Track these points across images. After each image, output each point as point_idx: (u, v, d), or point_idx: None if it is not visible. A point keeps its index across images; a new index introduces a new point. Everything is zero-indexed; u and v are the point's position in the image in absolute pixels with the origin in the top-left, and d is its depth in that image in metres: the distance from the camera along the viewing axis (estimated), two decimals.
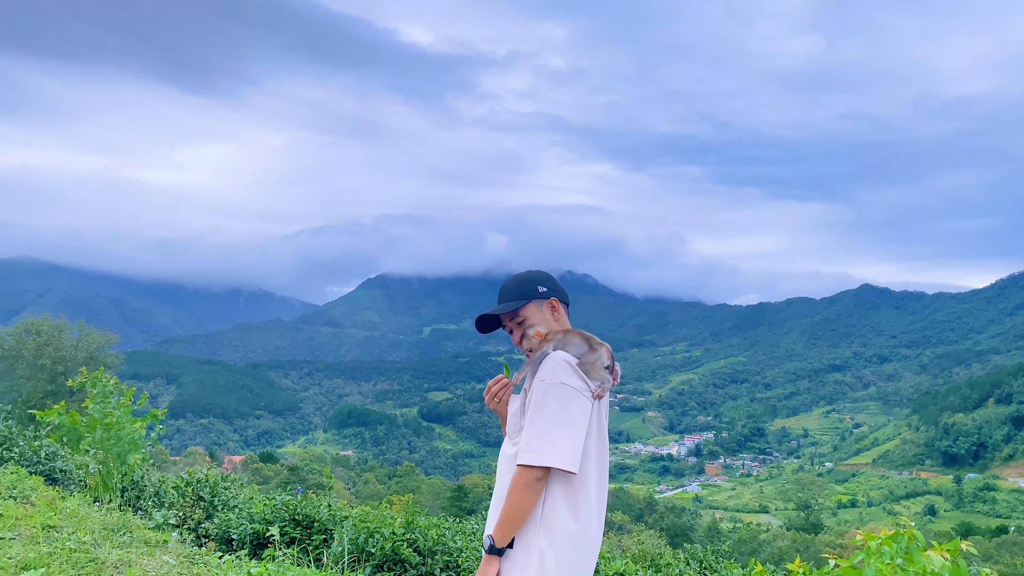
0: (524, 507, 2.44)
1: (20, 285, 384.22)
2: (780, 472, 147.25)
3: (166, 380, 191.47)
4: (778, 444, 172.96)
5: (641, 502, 67.92)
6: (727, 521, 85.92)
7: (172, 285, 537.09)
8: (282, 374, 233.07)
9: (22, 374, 26.36)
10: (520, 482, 2.44)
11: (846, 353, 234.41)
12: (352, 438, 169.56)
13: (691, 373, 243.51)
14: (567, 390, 2.51)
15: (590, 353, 2.66)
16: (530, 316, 2.77)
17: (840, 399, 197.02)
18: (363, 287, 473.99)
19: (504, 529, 2.45)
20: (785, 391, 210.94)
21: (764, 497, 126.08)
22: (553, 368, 2.55)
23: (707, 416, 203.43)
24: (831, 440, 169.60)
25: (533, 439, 2.46)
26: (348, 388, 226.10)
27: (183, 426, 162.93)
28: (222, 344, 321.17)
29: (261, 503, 4.69)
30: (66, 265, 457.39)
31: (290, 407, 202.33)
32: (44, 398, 25.94)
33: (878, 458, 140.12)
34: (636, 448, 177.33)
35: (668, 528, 52.94)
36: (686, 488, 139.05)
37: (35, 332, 27.14)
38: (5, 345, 26.83)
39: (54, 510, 4.20)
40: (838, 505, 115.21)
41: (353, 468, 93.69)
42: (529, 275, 2.85)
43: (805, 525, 70.21)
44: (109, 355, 28.84)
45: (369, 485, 73.71)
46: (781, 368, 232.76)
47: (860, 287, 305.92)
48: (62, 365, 26.54)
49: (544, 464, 2.41)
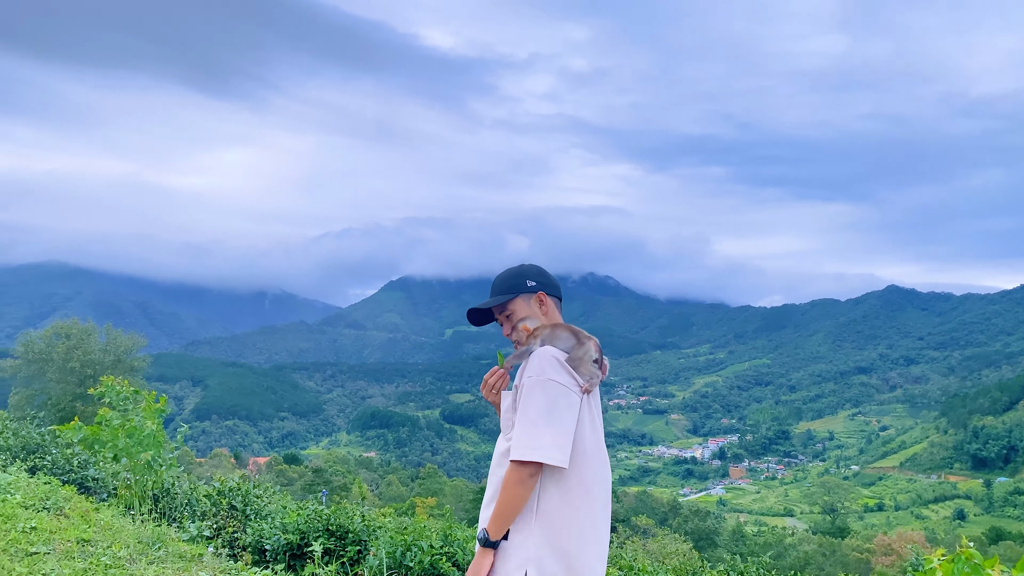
0: (517, 502, 2.47)
1: (49, 288, 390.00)
2: (805, 475, 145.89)
3: (192, 382, 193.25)
4: (803, 447, 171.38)
5: (665, 505, 67.49)
6: (752, 524, 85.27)
7: (198, 288, 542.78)
8: (306, 376, 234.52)
9: (52, 377, 26.64)
10: (513, 478, 2.47)
11: (872, 355, 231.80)
12: (375, 440, 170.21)
13: (715, 375, 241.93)
14: (554, 386, 2.53)
15: (578, 347, 2.66)
16: (518, 310, 2.80)
17: (866, 401, 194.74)
18: (385, 289, 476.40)
19: (498, 522, 2.49)
20: (810, 393, 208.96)
21: (789, 500, 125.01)
22: (540, 364, 2.57)
23: (731, 419, 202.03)
24: (857, 443, 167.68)
25: (522, 435, 2.49)
26: (371, 390, 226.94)
27: (208, 428, 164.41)
28: (247, 346, 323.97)
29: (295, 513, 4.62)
30: (94, 268, 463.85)
31: (314, 409, 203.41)
32: (73, 401, 26.22)
33: (905, 461, 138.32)
34: (659, 451, 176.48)
35: (692, 532, 52.52)
36: (710, 491, 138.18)
37: (64, 336, 27.43)
38: (35, 348, 27.13)
39: (88, 522, 4.17)
40: (864, 509, 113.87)
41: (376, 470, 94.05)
42: (520, 269, 2.88)
43: (831, 529, 69.36)
44: (137, 358, 29.09)
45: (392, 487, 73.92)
46: (806, 370, 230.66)
47: (886, 288, 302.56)
48: (91, 368, 26.78)
49: (532, 459, 2.45)
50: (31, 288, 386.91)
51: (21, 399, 27.11)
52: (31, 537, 3.76)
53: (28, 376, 27.36)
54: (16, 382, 27.54)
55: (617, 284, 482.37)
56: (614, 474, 13.33)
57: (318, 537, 4.24)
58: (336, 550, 4.40)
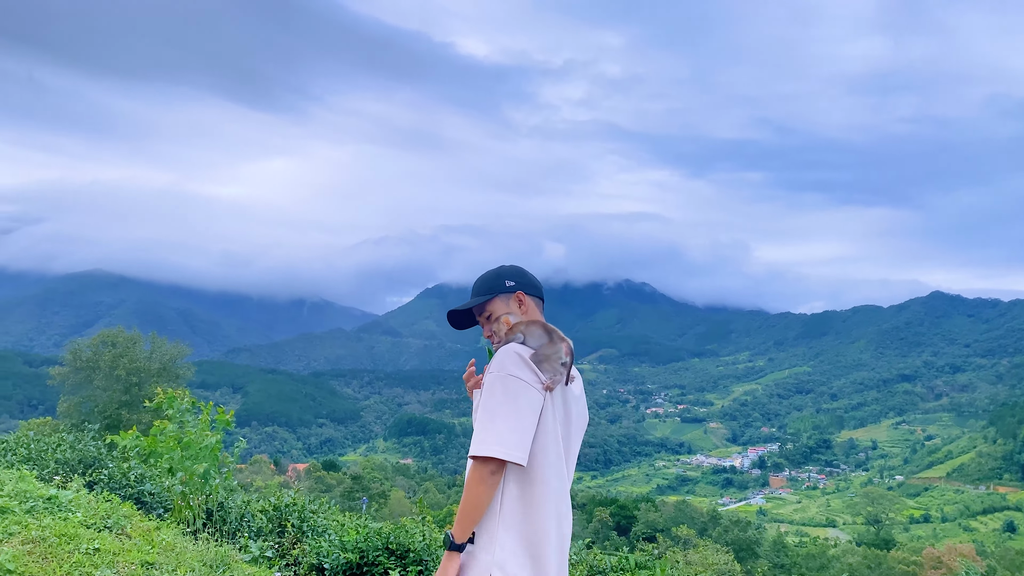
0: (479, 501, 2.40)
1: (94, 297, 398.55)
2: (848, 485, 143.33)
3: (232, 389, 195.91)
4: (845, 456, 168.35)
5: (704, 515, 66.71)
6: (793, 535, 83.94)
7: (238, 296, 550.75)
8: (343, 383, 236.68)
9: (99, 384, 27.09)
10: (475, 476, 2.41)
11: (916, 362, 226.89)
12: (412, 447, 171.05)
13: (754, 383, 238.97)
14: (514, 381, 2.47)
15: (548, 345, 2.60)
16: (496, 310, 2.77)
17: (910, 410, 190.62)
18: (421, 297, 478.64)
19: (462, 524, 2.41)
20: (852, 402, 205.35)
21: (831, 511, 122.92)
22: (502, 360, 2.53)
23: (771, 427, 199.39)
24: (901, 452, 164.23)
25: (479, 431, 2.44)
26: (407, 397, 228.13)
27: (248, 434, 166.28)
28: (286, 353, 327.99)
29: (354, 531, 4.52)
30: (137, 277, 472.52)
31: (351, 415, 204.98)
32: (119, 408, 26.65)
33: (952, 472, 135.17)
34: (698, 460, 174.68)
35: (733, 542, 51.80)
36: (750, 501, 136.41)
37: (111, 344, 27.88)
38: (83, 356, 27.64)
39: (151, 543, 4.08)
40: (910, 520, 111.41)
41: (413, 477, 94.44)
42: (499, 270, 2.86)
43: (876, 541, 67.94)
44: (182, 366, 29.50)
45: (429, 495, 74.10)
46: (848, 378, 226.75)
47: (930, 294, 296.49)
48: (136, 376, 27.22)
49: (488, 455, 2.38)
50: (77, 296, 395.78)
51: (69, 406, 27.65)
52: (95, 559, 3.65)
53: (76, 383, 27.87)
54: (64, 389, 28.09)
55: (653, 291, 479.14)
56: (652, 482, 13.05)
57: (377, 556, 4.14)
58: (397, 570, 4.30)
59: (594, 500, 73.72)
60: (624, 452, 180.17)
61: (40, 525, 3.88)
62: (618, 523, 67.88)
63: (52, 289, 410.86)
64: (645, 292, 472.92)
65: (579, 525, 65.86)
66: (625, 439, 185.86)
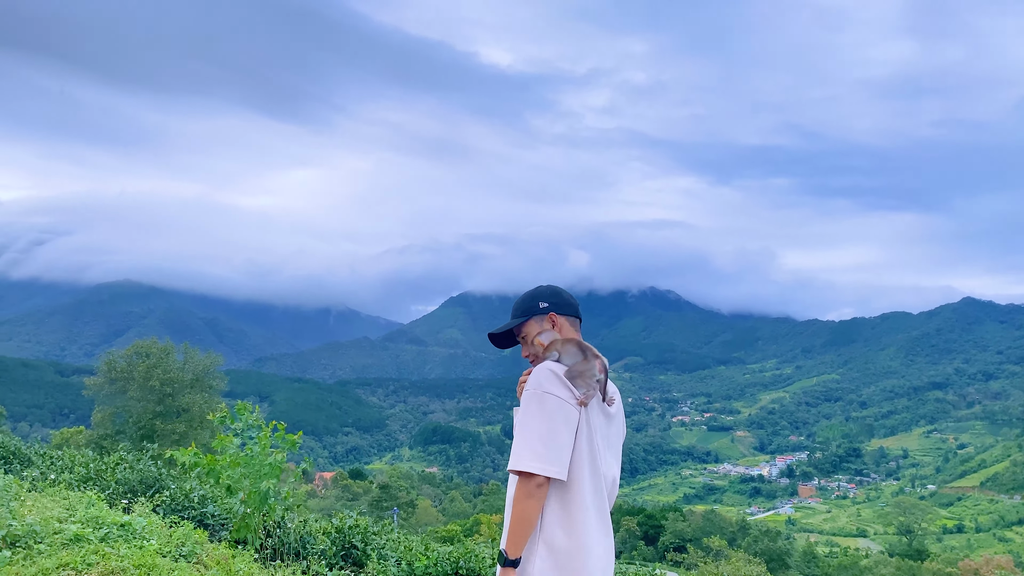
0: (529, 515, 2.48)
1: (124, 307, 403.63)
2: (878, 494, 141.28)
3: (259, 398, 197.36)
4: (875, 465, 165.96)
5: (733, 525, 65.98)
6: (823, 545, 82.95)
7: (264, 305, 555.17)
8: (369, 391, 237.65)
9: (133, 395, 27.37)
10: (522, 491, 2.48)
11: (947, 370, 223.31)
12: (437, 455, 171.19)
13: (782, 391, 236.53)
14: (550, 398, 2.57)
15: (583, 363, 2.71)
16: (530, 332, 2.90)
17: (942, 418, 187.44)
18: (446, 305, 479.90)
19: (514, 539, 2.48)
20: (882, 410, 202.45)
21: (862, 520, 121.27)
22: (538, 378, 2.63)
23: (799, 436, 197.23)
24: (933, 461, 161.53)
25: (518, 446, 2.54)
26: (432, 405, 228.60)
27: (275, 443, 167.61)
28: (312, 362, 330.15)
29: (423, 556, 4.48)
30: (165, 287, 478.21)
31: (377, 424, 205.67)
32: (154, 419, 26.93)
33: (986, 481, 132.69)
34: (725, 468, 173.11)
35: (763, 552, 51.16)
36: (778, 510, 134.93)
37: (145, 355, 28.17)
38: (117, 367, 27.94)
39: (228, 573, 4.00)
40: (943, 530, 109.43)
41: (439, 485, 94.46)
42: (535, 292, 2.99)
43: (909, 551, 66.80)
44: (215, 376, 29.73)
45: (455, 503, 74.06)
46: (877, 386, 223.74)
47: (961, 300, 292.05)
48: (170, 387, 27.48)
49: (526, 469, 2.47)
50: (107, 307, 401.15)
51: (104, 416, 27.97)
52: None
53: (110, 394, 28.18)
54: (99, 400, 28.41)
55: (678, 298, 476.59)
56: (679, 491, 13.06)
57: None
58: None
59: (621, 509, 73.19)
60: (650, 461, 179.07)
61: (118, 555, 3.82)
62: (646, 533, 67.33)
63: (83, 300, 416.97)
64: (670, 299, 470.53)
65: None
66: (651, 448, 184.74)
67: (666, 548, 64.40)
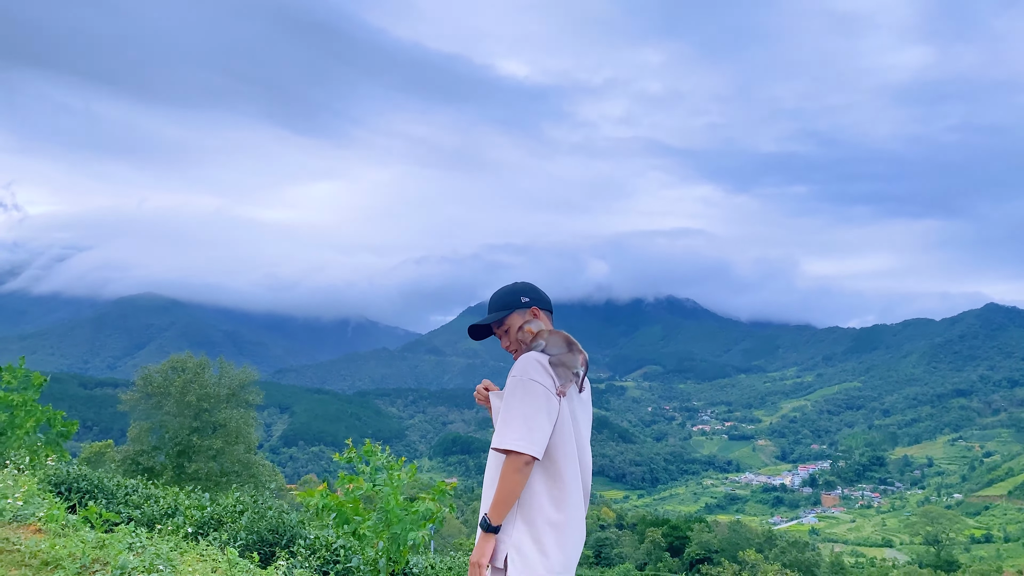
0: (514, 488, 2.78)
1: (145, 320, 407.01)
2: (904, 504, 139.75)
3: (279, 409, 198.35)
4: (900, 474, 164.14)
5: (760, 536, 65.48)
6: (848, 555, 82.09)
7: (283, 317, 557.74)
8: (388, 402, 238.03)
9: (169, 411, 27.50)
10: (511, 468, 2.77)
11: (972, 377, 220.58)
12: (457, 466, 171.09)
13: (803, 399, 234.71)
14: (534, 385, 2.88)
15: (567, 354, 3.01)
16: (513, 324, 3.25)
17: (967, 426, 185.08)
18: (464, 315, 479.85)
19: (498, 509, 2.80)
20: (905, 418, 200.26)
21: (887, 530, 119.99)
22: (524, 365, 2.96)
23: (821, 444, 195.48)
24: (959, 470, 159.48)
25: (502, 427, 2.85)
26: (451, 415, 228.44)
27: (295, 454, 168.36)
28: (331, 373, 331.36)
29: None
30: (186, 300, 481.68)
31: (396, 434, 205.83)
32: (191, 434, 27.13)
33: (1014, 489, 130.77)
34: (747, 478, 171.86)
35: (791, 564, 50.77)
36: (801, 520, 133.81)
37: (180, 369, 28.36)
38: (153, 382, 28.10)
39: None
40: (971, 540, 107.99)
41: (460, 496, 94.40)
42: (514, 287, 3.34)
43: (938, 562, 66.09)
44: (251, 391, 29.87)
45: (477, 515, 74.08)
46: (900, 393, 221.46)
47: (985, 306, 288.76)
48: (207, 402, 27.63)
49: (507, 448, 2.78)
50: (129, 320, 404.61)
51: (140, 432, 28.17)
52: None
53: (146, 409, 28.33)
54: (136, 415, 28.58)
55: (697, 306, 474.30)
56: (700, 501, 13.35)
57: None
58: None
59: (645, 520, 72.77)
60: (671, 470, 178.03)
61: None
62: (671, 544, 66.90)
63: (105, 313, 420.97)
64: (688, 308, 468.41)
65: (630, 546, 65.16)
66: (672, 457, 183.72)
67: (692, 560, 64.03)
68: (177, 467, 26.92)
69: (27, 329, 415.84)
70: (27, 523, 5.18)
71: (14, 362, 13.91)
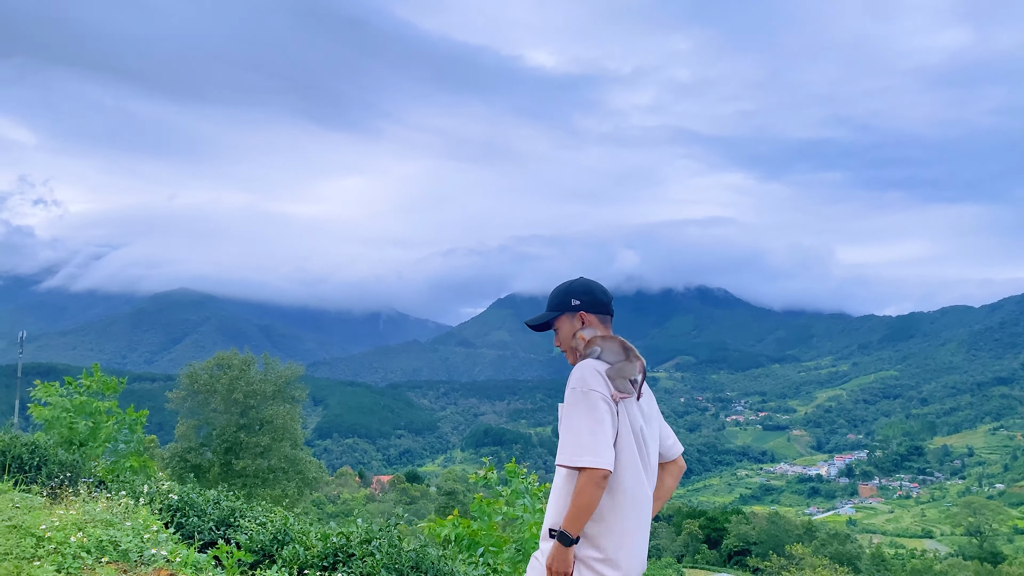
0: (592, 502, 2.72)
1: (181, 315, 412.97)
2: (944, 494, 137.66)
3: (313, 402, 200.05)
4: (939, 464, 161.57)
5: (799, 528, 64.84)
6: (887, 547, 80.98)
7: (316, 311, 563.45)
8: (420, 394, 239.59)
9: (216, 408, 27.77)
10: (588, 481, 2.71)
11: (1013, 364, 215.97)
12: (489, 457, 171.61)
13: (838, 389, 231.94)
14: (594, 395, 2.82)
15: (625, 363, 2.95)
16: (562, 328, 3.13)
17: (1009, 415, 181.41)
18: (494, 307, 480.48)
19: (576, 522, 2.73)
20: (944, 407, 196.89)
21: (927, 521, 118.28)
22: (582, 375, 2.88)
23: (858, 434, 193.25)
24: (1001, 459, 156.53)
25: (568, 441, 2.78)
26: (483, 407, 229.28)
27: (330, 446, 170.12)
28: (363, 366, 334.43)
29: None
30: (220, 295, 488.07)
31: (428, 426, 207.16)
32: (237, 431, 27.39)
33: None
34: (782, 468, 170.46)
35: (833, 556, 50.21)
36: (838, 511, 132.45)
37: (226, 367, 28.61)
38: (199, 380, 28.37)
39: None
40: (1014, 531, 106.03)
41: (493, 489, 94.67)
42: (569, 287, 3.16)
43: (982, 554, 64.93)
44: (296, 387, 30.04)
45: None
46: (938, 382, 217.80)
47: None
48: (253, 399, 27.79)
49: (576, 464, 2.73)
50: (165, 315, 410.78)
51: (187, 429, 28.50)
52: None
53: (193, 407, 28.63)
54: (183, 412, 28.89)
55: (729, 295, 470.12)
56: (735, 492, 13.23)
57: None
58: None
59: (681, 512, 72.39)
60: (704, 461, 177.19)
61: None
62: (708, 536, 66.58)
63: (141, 309, 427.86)
64: (720, 297, 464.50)
65: (667, 538, 64.87)
66: (705, 448, 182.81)
67: (730, 551, 63.64)
68: (224, 464, 27.20)
69: (67, 325, 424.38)
70: (154, 564, 4.69)
71: (56, 358, 14.02)
